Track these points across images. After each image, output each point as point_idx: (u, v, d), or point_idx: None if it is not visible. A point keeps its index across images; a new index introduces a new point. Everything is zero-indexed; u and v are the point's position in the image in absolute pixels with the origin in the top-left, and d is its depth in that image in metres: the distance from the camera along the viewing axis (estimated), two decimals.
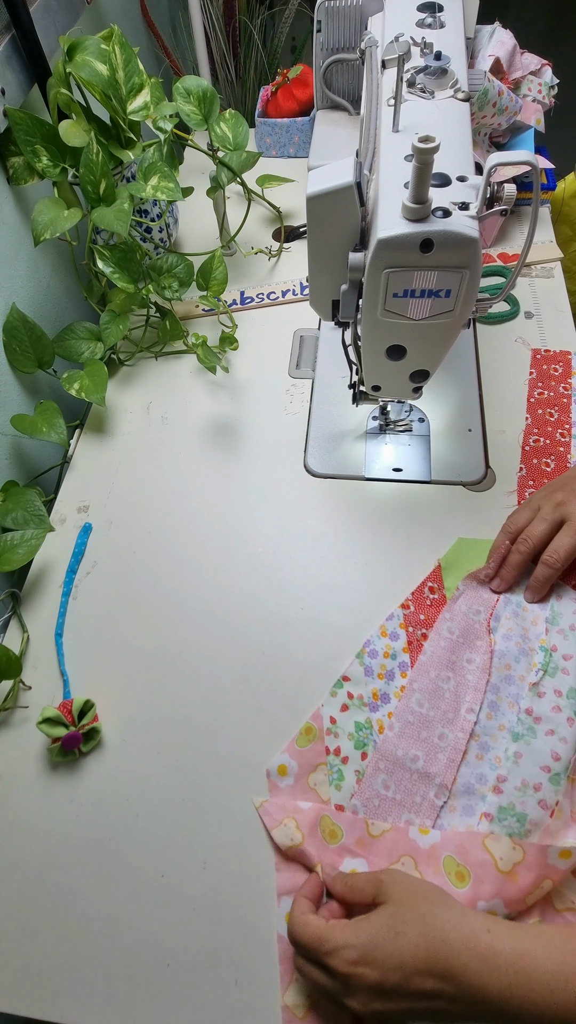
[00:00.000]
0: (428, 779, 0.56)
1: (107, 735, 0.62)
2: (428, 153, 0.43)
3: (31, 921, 0.55)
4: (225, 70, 1.42)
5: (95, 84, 0.73)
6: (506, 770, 0.54)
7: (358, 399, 0.72)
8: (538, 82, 0.90)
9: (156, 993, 0.52)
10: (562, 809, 0.52)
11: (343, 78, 0.88)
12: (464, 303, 0.52)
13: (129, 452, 0.81)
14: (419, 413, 0.79)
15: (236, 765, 0.60)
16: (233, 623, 0.67)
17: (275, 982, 0.51)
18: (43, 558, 0.73)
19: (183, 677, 0.65)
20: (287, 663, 0.64)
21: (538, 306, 0.87)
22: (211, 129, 0.84)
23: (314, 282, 0.61)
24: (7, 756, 0.63)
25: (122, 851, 0.57)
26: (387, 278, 0.51)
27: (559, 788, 0.53)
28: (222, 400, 0.84)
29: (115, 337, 0.82)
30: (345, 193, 0.52)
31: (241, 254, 0.98)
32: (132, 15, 1.20)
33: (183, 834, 0.57)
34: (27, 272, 0.81)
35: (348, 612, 0.66)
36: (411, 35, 0.62)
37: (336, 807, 0.56)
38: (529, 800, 0.53)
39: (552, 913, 0.51)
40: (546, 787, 0.53)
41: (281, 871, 0.55)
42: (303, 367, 0.86)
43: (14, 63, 0.75)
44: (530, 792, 0.53)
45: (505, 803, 0.53)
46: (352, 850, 0.54)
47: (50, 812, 0.59)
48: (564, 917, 0.51)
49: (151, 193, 0.77)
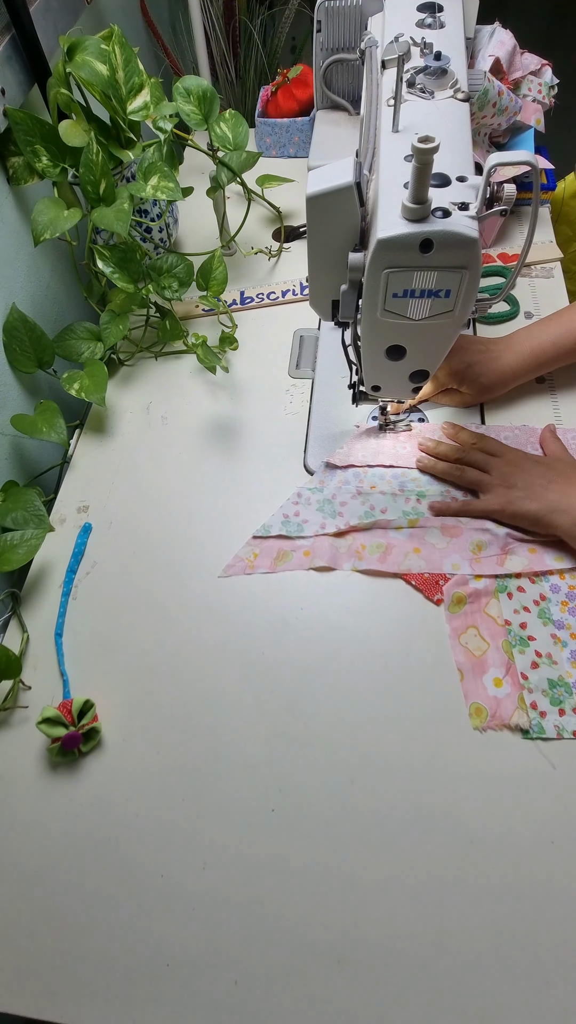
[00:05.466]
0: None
1: (107, 735, 0.62)
2: (428, 153, 0.43)
3: (31, 921, 0.55)
4: (225, 70, 1.42)
5: (95, 84, 0.73)
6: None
7: (358, 399, 0.72)
8: (538, 82, 0.90)
9: (156, 993, 0.52)
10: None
11: (343, 78, 0.88)
12: (464, 303, 0.52)
13: (129, 452, 0.81)
14: (419, 413, 0.79)
15: (236, 765, 0.60)
16: (233, 623, 0.67)
17: (275, 982, 0.51)
18: (43, 558, 0.73)
19: (183, 677, 0.65)
20: (287, 663, 0.64)
21: (538, 306, 0.87)
22: (211, 129, 0.84)
23: (314, 282, 0.61)
24: (7, 756, 0.63)
25: (122, 851, 0.57)
26: (387, 278, 0.51)
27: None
28: (222, 400, 0.84)
29: (115, 337, 0.82)
30: (345, 193, 0.52)
31: (241, 254, 0.98)
32: (132, 15, 1.20)
33: (183, 834, 0.57)
34: (27, 272, 0.81)
35: (348, 612, 0.67)
36: (411, 35, 0.62)
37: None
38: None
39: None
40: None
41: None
42: (303, 367, 0.86)
43: (14, 63, 0.75)
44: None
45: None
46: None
47: (50, 812, 0.59)
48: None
49: (151, 193, 0.77)
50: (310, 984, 0.51)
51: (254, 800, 0.58)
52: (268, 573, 0.69)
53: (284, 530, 0.71)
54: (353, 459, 0.75)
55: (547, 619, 0.63)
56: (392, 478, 0.73)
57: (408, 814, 0.57)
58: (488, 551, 0.67)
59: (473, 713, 0.60)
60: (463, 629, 0.64)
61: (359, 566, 0.68)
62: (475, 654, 0.62)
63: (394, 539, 0.69)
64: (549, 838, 0.55)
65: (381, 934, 0.52)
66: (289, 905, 0.54)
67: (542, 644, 0.62)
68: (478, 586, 0.65)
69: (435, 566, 0.67)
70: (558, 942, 0.51)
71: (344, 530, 0.70)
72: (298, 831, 0.57)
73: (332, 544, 0.70)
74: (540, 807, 0.56)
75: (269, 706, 0.62)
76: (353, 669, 0.64)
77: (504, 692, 0.60)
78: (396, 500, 0.72)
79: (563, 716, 0.59)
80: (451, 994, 0.50)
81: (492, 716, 0.59)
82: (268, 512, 0.73)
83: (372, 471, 0.74)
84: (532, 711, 0.59)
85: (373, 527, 0.70)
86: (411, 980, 0.51)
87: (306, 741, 0.60)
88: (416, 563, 0.67)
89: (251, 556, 0.70)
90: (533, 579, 0.65)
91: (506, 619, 0.63)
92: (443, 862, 0.55)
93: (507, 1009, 0.49)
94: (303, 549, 0.70)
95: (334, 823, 0.57)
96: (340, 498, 0.72)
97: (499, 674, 0.61)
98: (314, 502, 0.73)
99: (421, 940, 0.52)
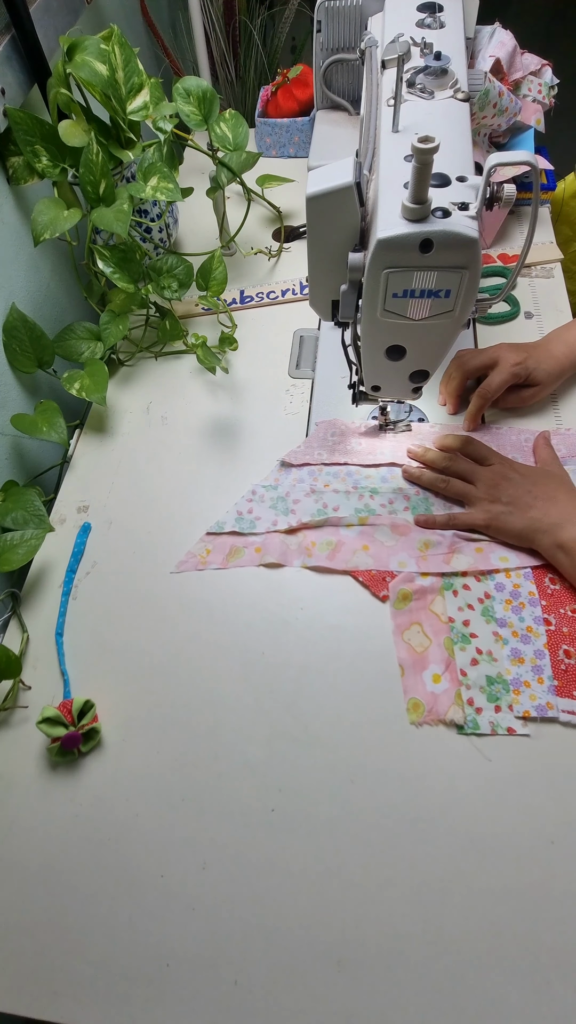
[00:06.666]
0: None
1: (107, 735, 0.62)
2: (428, 153, 0.43)
3: (31, 921, 0.55)
4: (225, 70, 1.42)
5: (95, 84, 0.73)
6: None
7: (358, 399, 0.72)
8: (538, 82, 0.90)
9: (156, 993, 0.52)
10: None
11: (343, 78, 0.88)
12: (464, 303, 0.52)
13: (129, 452, 0.81)
14: (419, 413, 0.79)
15: (236, 765, 0.60)
16: (233, 623, 0.67)
17: (275, 982, 0.51)
18: (43, 558, 0.73)
19: (183, 677, 0.65)
20: (287, 663, 0.64)
21: (538, 306, 0.87)
22: (211, 129, 0.84)
23: (314, 282, 0.61)
24: (7, 756, 0.63)
25: (122, 851, 0.57)
26: (387, 278, 0.51)
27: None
28: (222, 400, 0.84)
29: (115, 337, 0.82)
30: (345, 193, 0.52)
31: (241, 254, 0.98)
32: (132, 15, 1.20)
33: (183, 834, 0.57)
34: (27, 272, 0.81)
35: (348, 612, 0.66)
36: (411, 35, 0.62)
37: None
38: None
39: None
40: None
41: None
42: (303, 367, 0.86)
43: (14, 63, 0.75)
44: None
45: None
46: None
47: (50, 812, 0.59)
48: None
49: (151, 193, 0.77)
50: (310, 984, 0.51)
51: (254, 800, 0.58)
52: (219, 569, 0.70)
53: (237, 527, 0.72)
54: (309, 458, 0.76)
55: (490, 617, 0.64)
56: (346, 476, 0.74)
57: (408, 814, 0.57)
58: (435, 550, 0.68)
59: (411, 708, 0.61)
60: (407, 626, 0.65)
61: (308, 563, 0.69)
62: (417, 650, 0.63)
63: (344, 536, 0.70)
64: (549, 838, 0.55)
65: (381, 934, 0.52)
66: (289, 905, 0.54)
67: (484, 641, 0.63)
68: (424, 583, 0.66)
69: (382, 563, 0.68)
70: (558, 942, 0.51)
71: (295, 527, 0.71)
72: (298, 831, 0.57)
73: (283, 541, 0.71)
74: (540, 807, 0.56)
75: (269, 706, 0.62)
76: (353, 669, 0.64)
77: (442, 688, 0.61)
78: (349, 498, 0.72)
79: (499, 713, 0.59)
80: (451, 994, 0.50)
81: (429, 711, 0.60)
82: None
83: (327, 469, 0.75)
84: (468, 707, 0.60)
85: (324, 525, 0.71)
86: (411, 980, 0.51)
87: (306, 741, 0.60)
88: (364, 560, 0.68)
89: (204, 552, 0.71)
90: (479, 577, 0.66)
91: (450, 616, 0.64)
92: (443, 862, 0.55)
93: (507, 1009, 0.49)
94: (255, 546, 0.71)
95: (334, 823, 0.57)
96: (294, 496, 0.73)
97: (439, 670, 0.62)
98: (268, 499, 0.74)
99: (421, 940, 0.52)
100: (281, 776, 0.59)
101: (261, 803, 0.58)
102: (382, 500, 0.72)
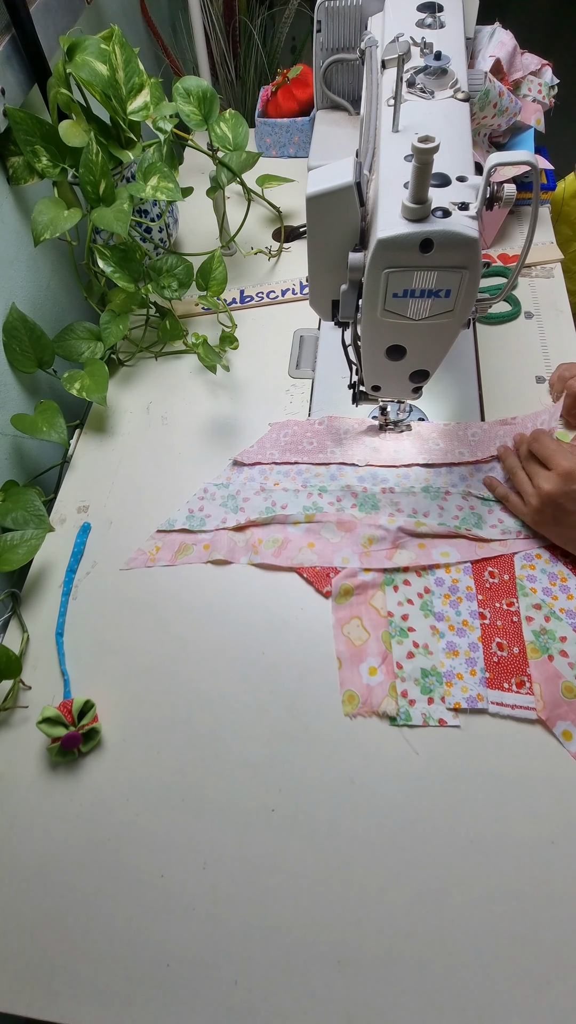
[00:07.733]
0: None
1: (107, 735, 0.62)
2: (428, 153, 0.43)
3: (31, 921, 0.55)
4: (225, 70, 1.42)
5: (95, 84, 0.73)
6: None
7: (358, 399, 0.72)
8: (538, 82, 0.90)
9: (156, 993, 0.52)
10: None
11: (343, 78, 0.88)
12: (464, 303, 0.52)
13: (129, 452, 0.81)
14: (419, 413, 0.79)
15: (236, 765, 0.60)
16: (233, 623, 0.67)
17: (275, 982, 0.51)
18: (43, 558, 0.73)
19: (183, 677, 0.65)
20: (287, 663, 0.64)
21: (538, 306, 0.87)
22: (211, 129, 0.84)
23: (314, 282, 0.61)
24: (7, 756, 0.63)
25: (122, 851, 0.57)
26: (387, 278, 0.51)
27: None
28: (222, 400, 0.84)
29: (115, 337, 0.82)
30: (345, 193, 0.52)
31: (241, 254, 0.98)
32: (132, 15, 1.20)
33: (183, 834, 0.57)
34: (27, 272, 0.81)
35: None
36: (411, 35, 0.62)
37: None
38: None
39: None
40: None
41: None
42: (303, 367, 0.86)
43: (14, 63, 0.75)
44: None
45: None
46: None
47: (50, 812, 0.59)
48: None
49: (151, 193, 0.77)
50: (310, 984, 0.51)
51: (254, 800, 0.58)
52: (168, 566, 0.71)
53: (187, 524, 0.73)
54: (260, 457, 0.76)
55: (428, 611, 0.65)
56: (296, 474, 0.75)
57: (408, 814, 0.57)
58: (378, 545, 0.69)
59: (346, 700, 0.61)
60: (347, 619, 0.65)
61: (255, 560, 0.70)
62: (355, 644, 0.64)
63: (291, 534, 0.71)
64: (549, 838, 0.55)
65: (381, 934, 0.52)
66: (289, 905, 0.54)
67: (420, 635, 0.64)
68: (366, 578, 0.67)
69: (326, 560, 0.68)
70: (558, 942, 0.51)
71: (244, 524, 0.72)
72: (298, 831, 0.57)
73: (230, 538, 0.71)
74: (541, 807, 0.56)
75: (269, 706, 0.62)
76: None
77: (377, 680, 0.62)
78: (298, 496, 0.73)
79: (431, 704, 0.60)
80: (451, 994, 0.50)
81: (363, 703, 0.61)
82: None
83: (277, 468, 0.76)
84: (402, 699, 0.60)
85: (271, 522, 0.72)
86: (411, 980, 0.51)
87: (306, 741, 0.60)
88: (309, 557, 0.69)
89: (153, 549, 0.72)
90: (420, 573, 0.67)
91: (389, 611, 0.65)
92: (443, 862, 0.55)
93: (507, 1009, 0.49)
94: (203, 543, 0.72)
95: (334, 823, 0.57)
96: (244, 494, 0.74)
97: (375, 663, 0.62)
98: (219, 497, 0.74)
99: (421, 940, 0.52)
100: (281, 776, 0.59)
101: (261, 803, 0.58)
102: (330, 498, 0.73)
